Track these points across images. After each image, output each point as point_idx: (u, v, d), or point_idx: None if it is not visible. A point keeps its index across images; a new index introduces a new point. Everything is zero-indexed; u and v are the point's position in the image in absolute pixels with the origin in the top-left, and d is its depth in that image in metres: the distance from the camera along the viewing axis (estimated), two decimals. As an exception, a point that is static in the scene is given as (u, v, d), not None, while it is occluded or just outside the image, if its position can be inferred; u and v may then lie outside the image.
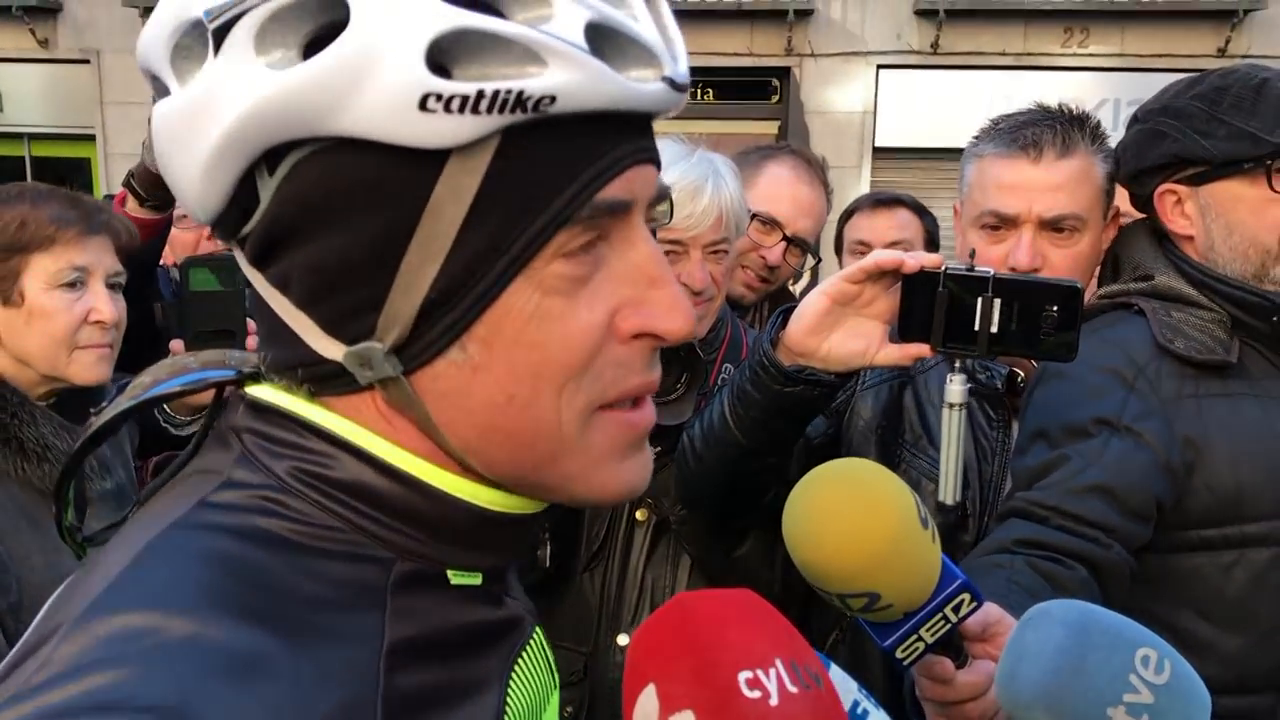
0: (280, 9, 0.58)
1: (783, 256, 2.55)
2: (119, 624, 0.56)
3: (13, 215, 1.85)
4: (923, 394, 1.97)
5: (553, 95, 0.59)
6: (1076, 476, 1.56)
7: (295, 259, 0.64)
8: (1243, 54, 12.30)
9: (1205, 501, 1.61)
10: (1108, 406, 1.62)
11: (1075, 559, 1.49)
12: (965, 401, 1.54)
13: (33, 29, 13.61)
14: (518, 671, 0.74)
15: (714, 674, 0.69)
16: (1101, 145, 1.85)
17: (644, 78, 0.63)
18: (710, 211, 1.91)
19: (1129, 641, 0.96)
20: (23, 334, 1.87)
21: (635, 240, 0.67)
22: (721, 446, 1.69)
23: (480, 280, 0.62)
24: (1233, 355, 1.65)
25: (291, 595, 0.61)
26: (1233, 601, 1.63)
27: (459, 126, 0.58)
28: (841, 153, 12.73)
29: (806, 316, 1.54)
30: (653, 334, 0.68)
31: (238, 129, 0.59)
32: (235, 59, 0.59)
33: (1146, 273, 1.77)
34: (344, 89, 0.57)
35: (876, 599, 1.07)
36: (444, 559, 0.69)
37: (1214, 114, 1.67)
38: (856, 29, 13.05)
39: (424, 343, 0.64)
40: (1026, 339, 1.44)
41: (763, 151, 2.68)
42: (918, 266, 1.47)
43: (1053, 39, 12.83)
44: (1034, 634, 0.99)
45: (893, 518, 1.04)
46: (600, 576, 2.00)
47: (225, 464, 0.68)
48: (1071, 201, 1.79)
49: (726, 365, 2.07)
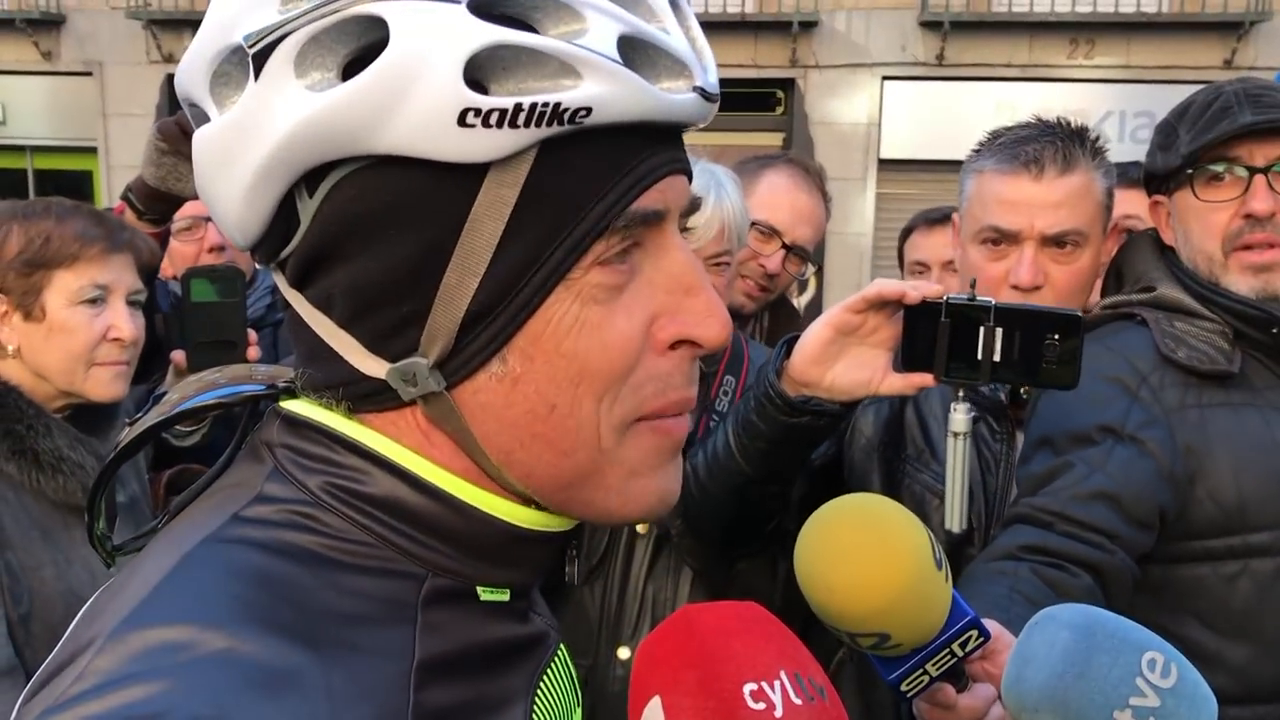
0: (320, 31, 0.59)
1: (782, 265, 2.54)
2: (155, 638, 0.57)
3: (38, 230, 1.86)
4: (924, 408, 1.97)
5: (588, 107, 0.60)
6: (1081, 483, 1.56)
7: (337, 278, 0.64)
8: (1249, 65, 12.33)
9: (1208, 511, 1.61)
10: (1111, 414, 1.62)
11: (1079, 565, 1.49)
12: (970, 430, 1.54)
13: (35, 41, 13.71)
14: (543, 688, 0.74)
15: (719, 686, 0.69)
16: (1101, 160, 1.85)
17: (676, 88, 0.65)
18: (712, 224, 1.91)
19: (1135, 645, 0.96)
20: (42, 348, 1.88)
21: (670, 248, 0.68)
22: (726, 475, 1.69)
23: (520, 292, 0.63)
24: (1235, 365, 1.66)
25: (323, 610, 0.62)
26: (1238, 612, 1.63)
27: (497, 141, 0.59)
28: (846, 164, 12.77)
29: (810, 347, 1.54)
30: (690, 340, 0.68)
31: (279, 152, 0.60)
32: (275, 82, 0.60)
33: (1149, 284, 1.78)
34: (383, 108, 0.58)
35: (886, 639, 1.06)
36: (475, 575, 0.69)
37: (1174, 127, 1.74)
38: (861, 40, 13.10)
39: (465, 356, 0.64)
40: (1028, 367, 1.46)
41: (761, 160, 2.68)
42: (919, 297, 1.48)
43: (1058, 50, 12.87)
44: (1040, 637, 0.99)
45: (909, 563, 1.03)
46: (601, 589, 1.99)
47: (258, 478, 0.68)
48: (1073, 217, 1.79)
49: (728, 378, 2.06)
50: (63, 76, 13.94)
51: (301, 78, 0.59)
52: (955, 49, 12.84)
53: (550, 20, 0.61)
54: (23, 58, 13.84)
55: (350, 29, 0.59)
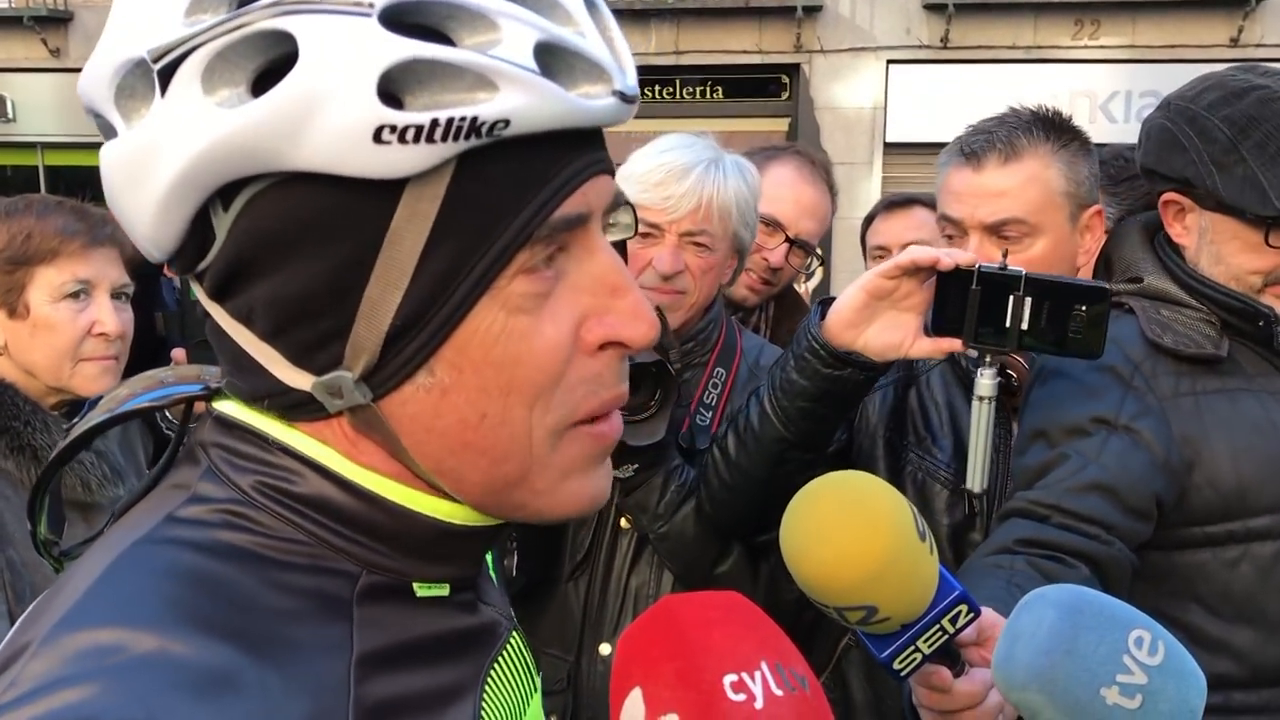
0: (225, 48, 0.57)
1: (785, 258, 2.53)
2: (86, 640, 0.56)
3: (19, 228, 1.86)
4: (925, 394, 1.97)
5: (506, 119, 0.59)
6: (1076, 475, 1.56)
7: (256, 293, 0.63)
8: (1255, 44, 12.26)
9: (1207, 498, 1.61)
10: (1105, 405, 1.62)
11: (1076, 556, 1.49)
12: (994, 395, 1.59)
13: (44, 38, 13.75)
14: (493, 676, 0.74)
15: (699, 677, 0.69)
16: (1066, 144, 1.84)
17: (594, 93, 0.63)
18: (690, 196, 1.87)
19: (1122, 622, 0.96)
20: (28, 346, 1.89)
21: (594, 250, 0.67)
22: (762, 445, 1.71)
23: (444, 304, 0.62)
24: (1222, 350, 1.65)
25: (257, 608, 0.61)
26: (1240, 597, 1.62)
27: (415, 156, 0.58)
28: (852, 149, 12.74)
29: (845, 310, 1.61)
30: (618, 342, 0.68)
31: (191, 170, 0.59)
32: (183, 99, 0.58)
33: (1136, 274, 1.77)
34: (296, 125, 0.57)
35: (874, 612, 1.06)
36: (409, 571, 0.69)
37: (1236, 146, 1.61)
38: (865, 24, 13.05)
39: (391, 369, 0.64)
40: (1055, 336, 1.53)
41: (767, 153, 2.66)
42: (953, 264, 1.54)
43: (1063, 31, 12.80)
44: (1028, 616, 0.99)
45: (891, 532, 1.03)
46: (584, 584, 1.98)
47: (193, 478, 0.68)
48: (1015, 206, 1.79)
49: (718, 369, 2.04)
50: (71, 73, 13.95)
51: (210, 94, 0.58)
52: (960, 31, 12.79)
53: (465, 30, 0.60)
54: (31, 55, 13.88)
55: (258, 44, 0.58)
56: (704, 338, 2.03)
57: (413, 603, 0.70)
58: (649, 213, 1.87)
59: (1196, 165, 1.65)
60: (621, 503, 1.92)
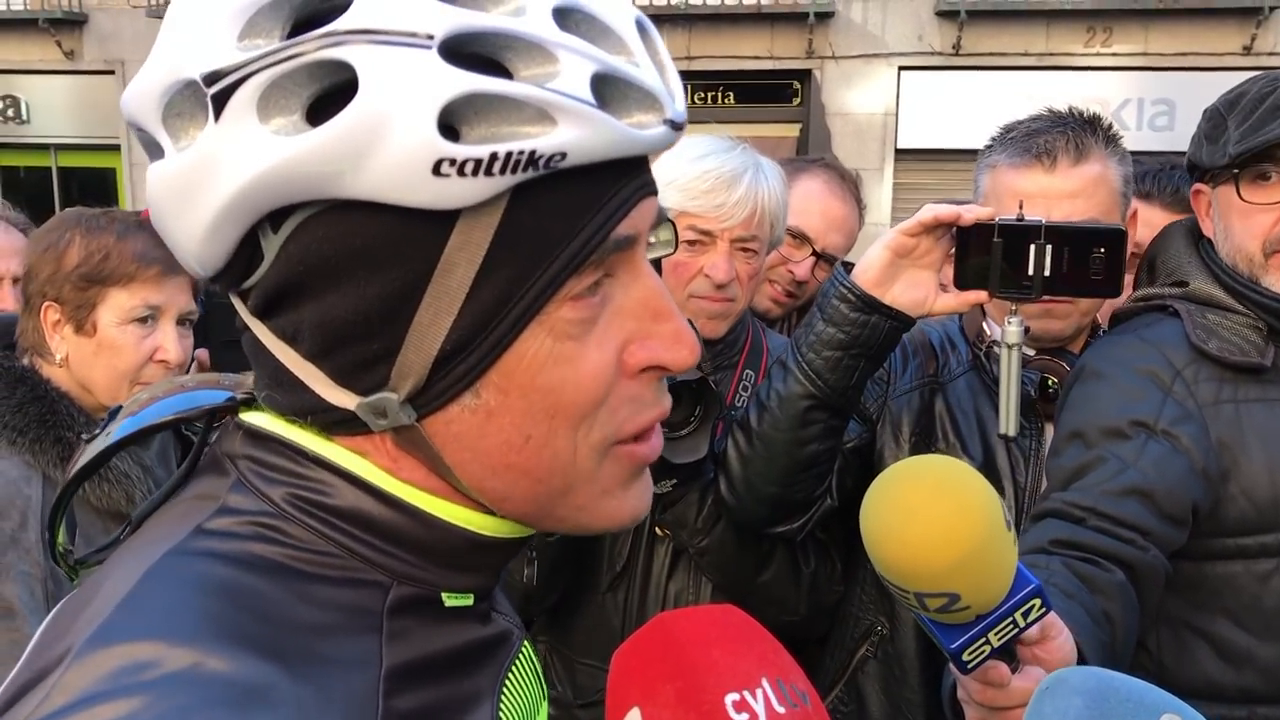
0: (282, 76, 0.58)
1: (811, 272, 2.50)
2: (123, 655, 0.56)
3: (98, 245, 1.86)
4: (953, 401, 1.96)
5: (564, 152, 0.59)
6: (1114, 478, 1.55)
7: (304, 314, 0.64)
8: (1268, 51, 12.23)
9: (1242, 508, 1.59)
10: (1145, 409, 1.61)
11: (1112, 560, 1.47)
12: (1020, 342, 1.62)
13: (59, 40, 13.79)
14: (508, 685, 0.75)
15: (700, 697, 0.68)
16: (1115, 147, 1.84)
17: (646, 122, 0.64)
18: (744, 204, 1.86)
19: (1151, 708, 0.92)
20: (89, 363, 1.89)
21: (639, 274, 0.68)
22: (785, 406, 1.71)
23: (493, 331, 0.63)
24: (1267, 359, 1.63)
25: (290, 622, 0.62)
26: (1270, 611, 1.60)
27: (472, 188, 0.58)
28: (863, 155, 12.73)
29: (870, 269, 1.65)
30: (659, 366, 0.69)
31: (244, 194, 0.59)
32: (238, 126, 0.58)
33: (1181, 277, 1.76)
34: (355, 156, 0.57)
35: (956, 600, 1.04)
36: (439, 582, 0.71)
37: (1224, 118, 1.72)
38: (877, 30, 13.04)
39: (437, 391, 0.64)
40: (1077, 281, 1.57)
41: (795, 164, 2.63)
42: (973, 219, 1.58)
43: (1075, 39, 12.78)
44: (1051, 705, 0.95)
45: (983, 519, 1.01)
46: (623, 594, 1.97)
47: (221, 490, 0.68)
48: (1089, 207, 1.78)
49: (747, 372, 2.04)
50: (85, 75, 14.02)
51: (265, 122, 0.58)
52: (972, 38, 12.77)
53: (523, 61, 0.60)
54: (46, 57, 13.93)
55: (314, 73, 0.58)
56: (732, 339, 2.03)
57: (440, 614, 0.71)
58: (700, 220, 1.87)
59: (1195, 145, 1.77)
60: (659, 518, 1.91)
